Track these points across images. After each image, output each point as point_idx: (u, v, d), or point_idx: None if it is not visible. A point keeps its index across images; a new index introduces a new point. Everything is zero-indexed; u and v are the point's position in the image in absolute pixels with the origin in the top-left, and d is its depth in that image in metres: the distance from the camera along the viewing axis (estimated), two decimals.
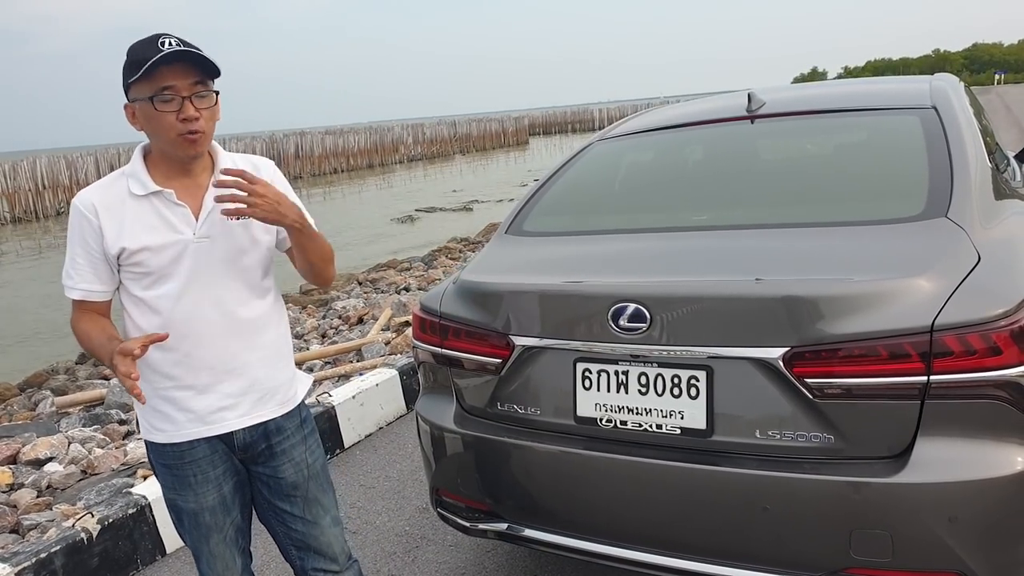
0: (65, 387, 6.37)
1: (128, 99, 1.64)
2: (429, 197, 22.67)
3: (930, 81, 2.64)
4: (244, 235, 1.75)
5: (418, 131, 45.78)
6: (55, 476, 3.54)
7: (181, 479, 1.78)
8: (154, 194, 1.68)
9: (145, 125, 1.64)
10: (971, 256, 1.74)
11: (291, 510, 1.89)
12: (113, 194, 1.68)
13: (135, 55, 1.58)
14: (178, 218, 1.68)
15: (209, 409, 1.74)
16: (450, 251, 11.48)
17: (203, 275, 1.70)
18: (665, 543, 1.88)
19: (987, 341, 1.57)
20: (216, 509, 1.80)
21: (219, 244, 1.71)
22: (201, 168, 1.73)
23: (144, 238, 1.66)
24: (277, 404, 1.83)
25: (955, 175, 1.98)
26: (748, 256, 1.92)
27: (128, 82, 1.61)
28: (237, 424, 1.77)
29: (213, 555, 1.84)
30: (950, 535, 1.60)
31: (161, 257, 1.67)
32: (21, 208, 26.27)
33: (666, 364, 1.84)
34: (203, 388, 1.73)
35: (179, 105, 1.59)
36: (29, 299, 12.49)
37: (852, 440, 1.68)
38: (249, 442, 1.81)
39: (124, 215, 1.66)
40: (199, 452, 1.76)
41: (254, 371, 1.78)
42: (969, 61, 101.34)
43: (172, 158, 1.68)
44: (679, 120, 2.81)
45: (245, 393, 1.77)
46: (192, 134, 1.62)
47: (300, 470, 1.87)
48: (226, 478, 1.81)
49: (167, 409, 1.73)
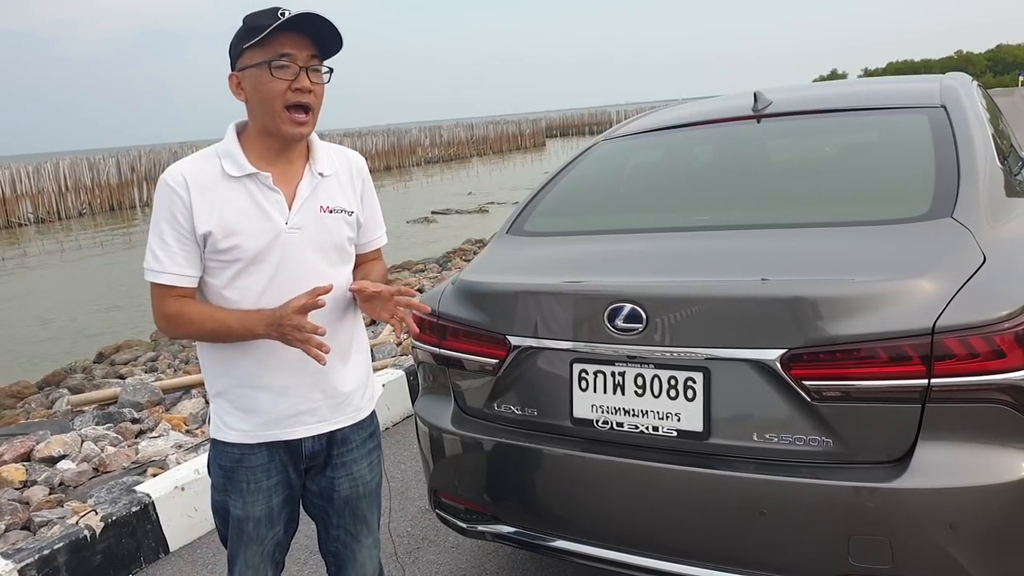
0: (82, 386, 6.45)
1: (235, 68, 1.57)
2: (445, 199, 22.73)
3: (941, 80, 2.60)
4: (334, 229, 1.66)
5: (435, 134, 45.96)
6: (67, 474, 3.58)
7: (234, 483, 1.68)
8: (249, 176, 1.57)
9: (252, 94, 1.54)
10: (976, 257, 1.70)
11: (336, 521, 1.80)
12: (206, 172, 1.57)
13: (253, 22, 1.51)
14: (272, 205, 1.58)
15: (284, 413, 1.64)
16: (465, 253, 11.50)
17: (290, 268, 1.59)
18: (661, 547, 1.86)
19: (990, 344, 1.54)
20: (261, 521, 1.70)
21: (309, 236, 1.61)
22: (297, 154, 1.63)
23: (235, 223, 1.55)
24: (353, 411, 1.74)
25: (962, 175, 1.94)
26: (746, 256, 1.89)
27: (243, 47, 1.53)
28: (307, 431, 1.67)
29: (247, 565, 1.74)
30: (951, 542, 1.56)
31: (252, 244, 1.56)
32: (44, 209, 26.72)
33: (663, 365, 1.82)
34: (281, 390, 1.63)
35: (295, 74, 1.52)
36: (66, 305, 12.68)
37: (851, 444, 1.65)
38: (317, 451, 1.71)
39: (216, 196, 1.55)
40: (258, 459, 1.67)
41: (335, 374, 1.67)
42: (992, 62, 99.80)
43: (272, 137, 1.57)
44: (684, 120, 2.79)
45: (323, 398, 1.67)
46: (301, 109, 1.54)
47: (356, 486, 1.77)
48: (277, 491, 1.71)
49: (242, 408, 1.64)
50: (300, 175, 1.62)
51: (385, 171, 39.43)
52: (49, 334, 10.14)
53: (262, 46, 1.51)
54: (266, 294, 1.58)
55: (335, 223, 1.66)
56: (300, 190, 1.61)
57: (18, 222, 26.00)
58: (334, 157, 1.70)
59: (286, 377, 1.63)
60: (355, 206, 1.72)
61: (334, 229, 1.65)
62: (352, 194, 1.72)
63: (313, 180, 1.64)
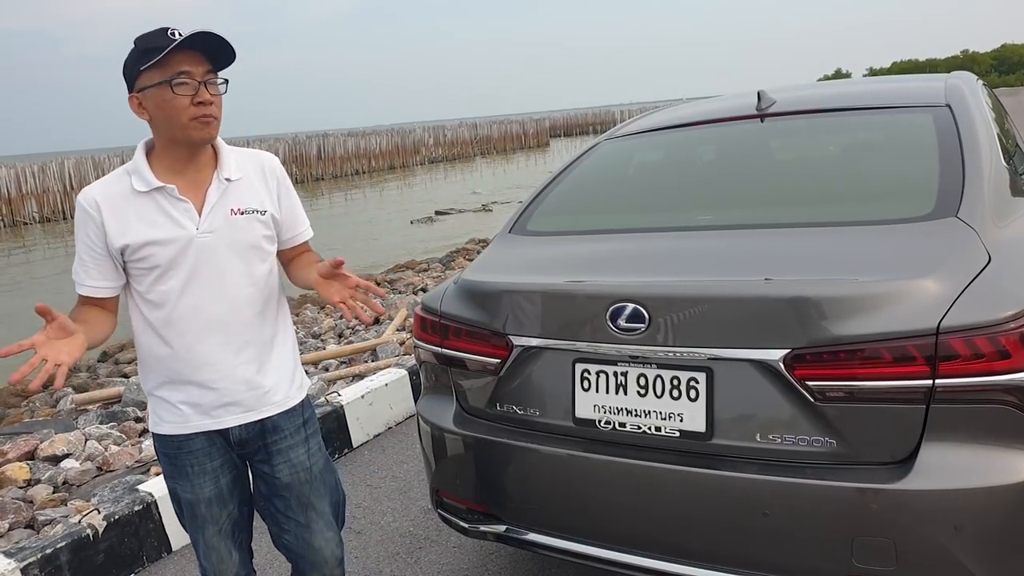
0: (86, 384, 6.46)
1: (134, 89, 1.65)
2: (449, 199, 22.72)
3: (946, 79, 2.58)
4: (247, 231, 1.76)
5: (439, 133, 45.93)
6: (71, 472, 3.58)
7: (180, 468, 1.81)
8: (156, 190, 1.69)
9: (156, 112, 1.64)
10: (981, 257, 1.69)
11: (284, 510, 1.90)
12: (116, 191, 1.70)
13: (146, 44, 1.61)
14: (181, 213, 1.70)
15: (211, 404, 1.77)
16: (468, 252, 11.49)
17: (206, 270, 1.71)
18: (663, 548, 1.85)
19: (995, 344, 1.52)
20: (212, 501, 1.83)
21: (222, 239, 1.72)
22: (204, 163, 1.74)
23: (147, 233, 1.67)
24: (280, 399, 1.84)
25: (967, 174, 1.93)
26: (750, 256, 1.88)
27: (139, 69, 1.62)
28: (235, 421, 1.80)
29: (209, 546, 1.86)
30: (955, 544, 1.55)
31: (165, 252, 1.68)
32: (49, 208, 26.79)
33: (665, 365, 1.81)
34: (204, 383, 1.75)
35: (195, 89, 1.62)
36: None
37: (855, 445, 1.64)
38: (245, 439, 1.83)
39: (127, 211, 1.68)
40: (196, 444, 1.79)
41: (254, 368, 1.79)
42: (998, 62, 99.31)
43: (178, 148, 1.69)
44: (688, 119, 2.78)
45: (246, 390, 1.78)
46: (206, 117, 1.64)
47: (296, 472, 1.88)
48: (223, 471, 1.84)
49: (171, 402, 1.77)
50: (209, 182, 1.74)
51: (389, 171, 39.46)
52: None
53: (159, 67, 1.60)
54: (184, 294, 1.71)
55: (247, 223, 1.76)
56: (209, 196, 1.73)
57: (23, 221, 26.09)
58: (244, 162, 1.81)
59: (209, 372, 1.75)
60: (268, 205, 1.81)
61: (247, 229, 1.76)
62: (266, 194, 1.82)
63: (221, 186, 1.74)
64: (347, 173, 38.28)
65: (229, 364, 1.75)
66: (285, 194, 1.87)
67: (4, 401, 6.30)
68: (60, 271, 15.91)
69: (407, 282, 9.24)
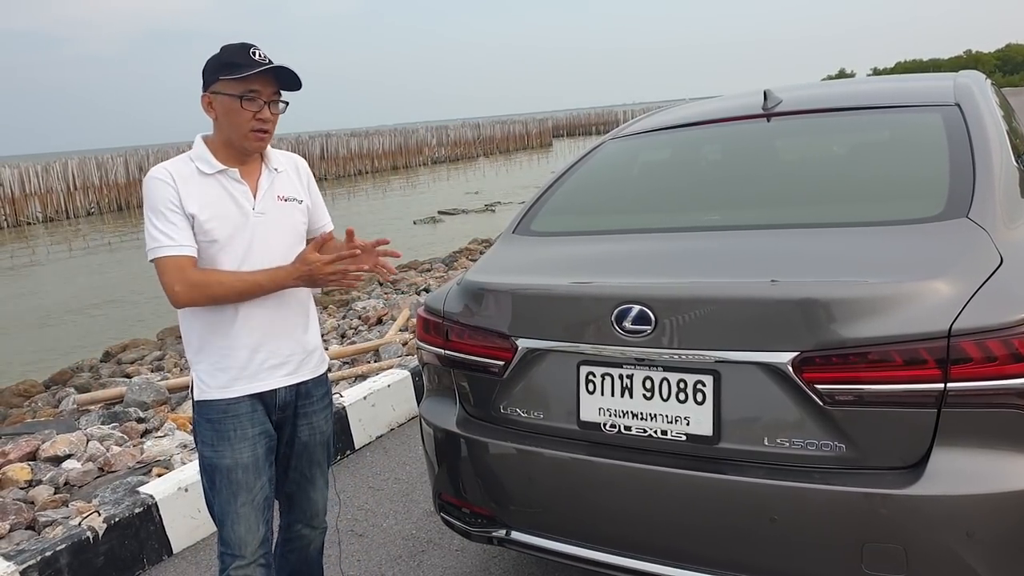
0: (88, 384, 6.46)
1: (209, 90, 1.88)
2: (452, 199, 22.72)
3: (954, 78, 2.55)
4: (292, 215, 2.01)
5: (442, 133, 45.94)
6: (72, 473, 3.57)
7: (222, 434, 1.92)
8: (220, 172, 1.91)
9: (222, 116, 1.88)
10: (993, 258, 1.66)
11: (295, 464, 2.09)
12: (185, 171, 1.89)
13: (229, 57, 1.84)
14: (240, 194, 1.92)
15: (261, 367, 1.94)
16: (471, 252, 11.48)
17: (260, 245, 1.92)
18: (668, 553, 1.82)
19: (1008, 347, 1.50)
20: (249, 467, 1.93)
21: (272, 220, 1.95)
22: (254, 157, 1.97)
23: (213, 207, 1.87)
24: (314, 366, 2.07)
25: (977, 174, 1.90)
26: (757, 257, 1.86)
27: (219, 76, 1.84)
28: (282, 382, 1.98)
29: (239, 516, 1.93)
30: (967, 551, 1.52)
31: (225, 227, 1.88)
32: (53, 208, 26.85)
33: (672, 368, 1.78)
34: (255, 347, 1.93)
35: (260, 107, 1.87)
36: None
37: (864, 449, 1.61)
38: (288, 401, 2.02)
39: (195, 187, 1.87)
40: (242, 408, 1.93)
41: (299, 334, 2.01)
42: (1002, 62, 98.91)
43: (234, 147, 1.92)
44: (693, 119, 2.75)
45: (292, 354, 1.99)
46: (263, 132, 1.89)
47: (314, 434, 2.10)
48: (260, 440, 1.96)
49: (222, 367, 1.92)
50: (259, 171, 1.98)
51: (392, 171, 39.48)
52: (56, 333, 10.19)
53: (237, 81, 1.84)
54: (243, 265, 1.89)
55: (291, 209, 2.01)
56: (261, 183, 1.97)
57: (27, 221, 26.14)
58: (282, 159, 2.07)
59: (261, 335, 1.94)
60: (304, 196, 2.07)
61: (291, 214, 2.01)
62: (301, 187, 2.08)
63: (271, 175, 1.99)
64: (350, 173, 38.31)
65: (278, 330, 1.96)
66: (313, 189, 2.13)
67: (6, 401, 6.30)
68: (61, 270, 15.93)
69: (410, 282, 9.23)
